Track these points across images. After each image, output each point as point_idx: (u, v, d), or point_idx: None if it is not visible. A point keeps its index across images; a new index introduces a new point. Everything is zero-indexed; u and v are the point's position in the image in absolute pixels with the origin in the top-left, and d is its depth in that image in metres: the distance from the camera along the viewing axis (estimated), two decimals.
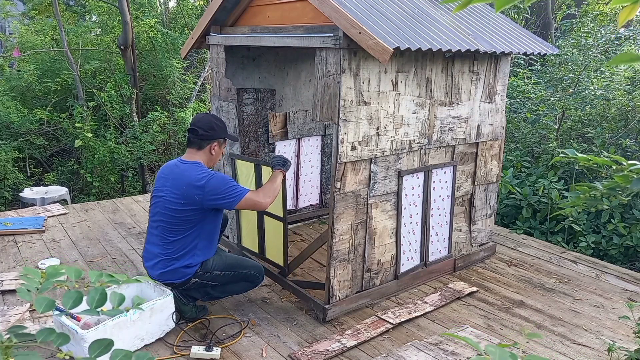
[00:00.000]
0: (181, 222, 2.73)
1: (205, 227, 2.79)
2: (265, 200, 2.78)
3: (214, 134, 2.80)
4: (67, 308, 0.94)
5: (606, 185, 1.24)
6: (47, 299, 0.95)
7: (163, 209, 2.75)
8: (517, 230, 4.56)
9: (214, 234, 2.89)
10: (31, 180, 7.45)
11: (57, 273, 1.00)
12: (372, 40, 2.39)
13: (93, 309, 0.96)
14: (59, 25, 7.58)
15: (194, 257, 2.79)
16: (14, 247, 3.94)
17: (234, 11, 3.47)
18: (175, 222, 2.74)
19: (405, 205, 3.19)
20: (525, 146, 5.60)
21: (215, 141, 2.81)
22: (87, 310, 0.95)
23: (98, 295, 0.97)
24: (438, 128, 3.22)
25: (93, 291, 0.97)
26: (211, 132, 2.79)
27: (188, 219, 2.72)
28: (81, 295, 0.96)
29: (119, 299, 1.02)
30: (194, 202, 2.67)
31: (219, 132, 2.82)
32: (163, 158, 8.11)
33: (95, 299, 0.97)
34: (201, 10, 9.42)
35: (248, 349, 2.70)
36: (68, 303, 0.95)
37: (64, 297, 0.96)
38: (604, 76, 5.59)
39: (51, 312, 2.79)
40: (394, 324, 2.93)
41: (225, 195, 2.67)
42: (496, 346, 0.82)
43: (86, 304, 0.96)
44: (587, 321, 3.09)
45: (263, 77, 4.03)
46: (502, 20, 3.57)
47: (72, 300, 0.95)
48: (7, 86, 8.00)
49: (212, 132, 2.79)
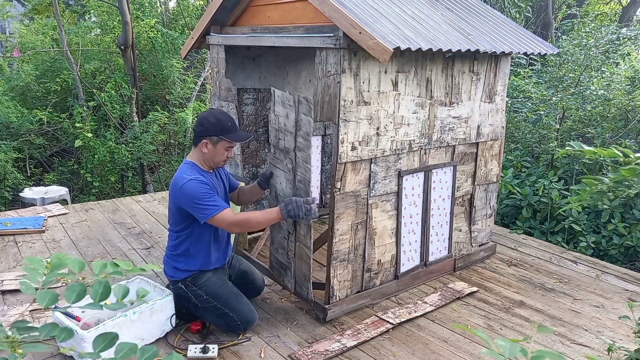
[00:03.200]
0: (175, 220, 2.76)
1: (195, 232, 2.74)
2: (232, 229, 2.74)
3: (203, 130, 2.66)
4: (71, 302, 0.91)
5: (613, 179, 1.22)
6: (50, 293, 0.91)
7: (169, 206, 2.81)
8: (517, 230, 4.56)
9: (207, 247, 2.78)
10: (31, 180, 7.45)
11: (62, 264, 0.96)
12: (372, 40, 2.39)
13: (97, 302, 0.92)
14: (59, 25, 7.58)
15: (185, 262, 2.78)
16: (14, 247, 3.94)
17: (234, 11, 3.47)
18: (172, 222, 2.79)
19: (405, 205, 3.19)
20: (525, 146, 5.60)
21: (205, 138, 2.66)
22: (91, 304, 0.92)
23: (102, 288, 0.93)
24: (438, 128, 3.22)
25: (96, 284, 0.93)
26: (200, 129, 2.68)
27: (177, 218, 2.74)
28: (85, 288, 0.93)
29: (122, 291, 0.98)
30: (173, 201, 2.70)
31: (209, 129, 2.65)
32: (163, 158, 8.11)
33: (98, 292, 0.92)
34: (201, 10, 9.42)
35: (248, 349, 2.70)
36: (71, 296, 0.91)
37: (67, 290, 0.93)
38: (605, 76, 5.58)
39: (51, 312, 2.80)
40: (394, 324, 2.93)
41: (195, 206, 2.60)
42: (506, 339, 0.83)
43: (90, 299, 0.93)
44: (587, 321, 3.08)
45: (263, 77, 4.03)
46: (502, 20, 3.57)
47: (76, 294, 0.91)
48: (7, 86, 8.00)
49: (201, 129, 2.67)
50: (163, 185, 7.93)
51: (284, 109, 2.86)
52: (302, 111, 2.71)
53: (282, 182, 2.95)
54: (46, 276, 0.93)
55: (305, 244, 2.86)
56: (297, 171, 2.81)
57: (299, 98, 2.72)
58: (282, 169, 2.94)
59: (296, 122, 2.77)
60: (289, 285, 3.08)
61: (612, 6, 11.82)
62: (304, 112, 2.70)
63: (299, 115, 2.74)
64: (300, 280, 2.98)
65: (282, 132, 2.91)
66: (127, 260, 3.85)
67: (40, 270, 0.93)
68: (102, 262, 0.98)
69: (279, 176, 2.98)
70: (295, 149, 2.81)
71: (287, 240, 3.02)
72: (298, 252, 2.95)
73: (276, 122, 2.96)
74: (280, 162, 2.96)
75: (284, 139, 2.90)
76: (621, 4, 10.63)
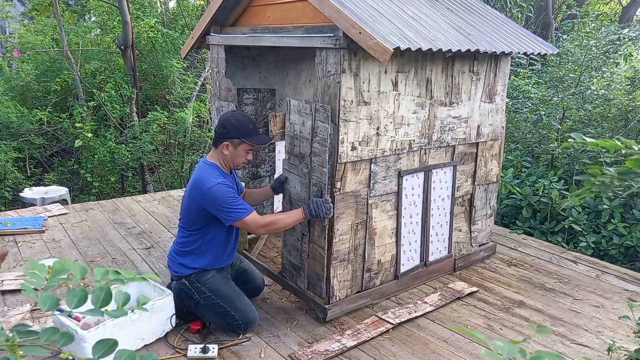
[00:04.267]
0: (191, 219, 2.75)
1: (210, 232, 2.75)
2: (260, 231, 2.75)
3: (224, 132, 2.69)
4: (72, 307, 0.90)
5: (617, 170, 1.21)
6: (51, 297, 0.91)
7: (183, 204, 2.80)
8: (517, 230, 4.56)
9: (219, 247, 2.80)
10: (31, 180, 7.46)
11: (64, 269, 0.95)
12: (372, 41, 2.39)
13: (97, 308, 0.91)
14: (59, 25, 7.59)
15: (193, 259, 2.79)
16: (14, 247, 3.94)
17: (234, 11, 3.47)
18: (186, 220, 2.78)
19: (405, 205, 3.19)
20: (525, 146, 5.60)
21: (226, 140, 2.69)
22: (91, 310, 0.91)
23: (103, 294, 0.92)
24: (438, 128, 3.22)
25: (98, 290, 0.93)
26: (221, 131, 2.70)
27: (193, 218, 2.73)
28: (86, 293, 0.93)
29: (124, 298, 0.97)
30: (195, 201, 2.68)
31: (230, 131, 2.68)
32: (163, 158, 8.12)
33: (100, 298, 0.92)
34: (201, 10, 9.43)
35: (248, 349, 2.70)
36: (72, 302, 0.91)
37: (68, 295, 0.93)
38: (605, 76, 5.59)
39: (51, 312, 2.79)
40: (394, 324, 2.93)
41: (222, 209, 2.61)
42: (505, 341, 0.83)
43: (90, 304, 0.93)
44: (587, 321, 3.08)
45: (263, 77, 4.03)
46: (502, 20, 3.57)
47: (77, 299, 0.91)
48: (7, 86, 8.00)
49: (223, 131, 2.70)
50: (163, 185, 7.94)
51: (300, 117, 2.90)
52: (319, 119, 2.74)
53: (297, 186, 2.98)
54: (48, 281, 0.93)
55: (320, 245, 2.89)
56: (312, 175, 2.85)
57: (316, 106, 2.75)
58: (297, 173, 2.97)
59: (312, 129, 2.80)
60: (302, 285, 3.10)
61: (612, 6, 11.83)
62: (321, 120, 2.73)
63: (316, 123, 2.77)
64: (314, 280, 2.99)
65: (297, 139, 2.94)
66: (127, 260, 3.85)
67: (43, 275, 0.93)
68: (104, 269, 0.98)
69: (293, 181, 3.01)
70: (311, 154, 2.84)
71: (300, 242, 3.04)
72: (312, 252, 2.97)
73: (291, 130, 2.99)
74: (295, 167, 2.98)
75: (299, 145, 2.93)
76: (621, 4, 10.63)
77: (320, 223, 2.86)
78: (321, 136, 2.75)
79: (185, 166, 7.88)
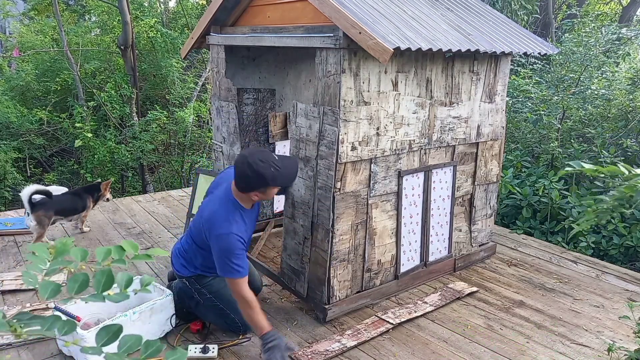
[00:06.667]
0: (200, 240, 2.68)
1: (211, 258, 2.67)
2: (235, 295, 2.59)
3: (248, 187, 2.58)
4: (73, 292, 0.86)
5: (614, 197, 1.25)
6: (52, 284, 0.87)
7: (196, 220, 2.73)
8: (517, 230, 4.56)
9: None
10: (31, 180, 7.45)
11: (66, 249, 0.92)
12: (372, 40, 2.39)
13: (99, 293, 0.87)
14: (59, 25, 7.59)
15: (194, 267, 2.79)
16: (14, 247, 3.94)
17: (234, 11, 3.47)
18: (197, 238, 2.71)
19: (405, 205, 3.19)
20: (526, 146, 5.60)
21: (253, 192, 2.60)
22: (93, 295, 0.88)
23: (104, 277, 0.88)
24: (438, 128, 3.22)
25: (99, 273, 0.89)
26: (244, 186, 2.59)
27: (203, 240, 2.66)
28: (87, 278, 0.89)
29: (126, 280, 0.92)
30: (204, 233, 2.62)
31: (255, 186, 2.57)
32: (163, 158, 8.12)
33: (101, 281, 0.88)
34: (201, 10, 9.43)
35: (248, 349, 2.70)
36: (74, 287, 0.87)
37: (69, 281, 0.89)
38: (605, 77, 5.59)
39: (51, 312, 2.79)
40: (394, 324, 2.93)
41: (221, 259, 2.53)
42: None
43: None
44: (587, 321, 3.08)
45: (263, 77, 4.03)
46: (502, 20, 3.57)
47: (78, 284, 0.87)
48: (6, 86, 8.01)
49: (245, 186, 2.58)
50: (163, 185, 7.94)
51: (306, 121, 2.89)
52: (327, 122, 2.73)
53: (301, 189, 2.98)
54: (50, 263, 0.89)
55: (323, 249, 2.89)
56: (318, 178, 2.85)
57: (324, 109, 2.74)
58: (302, 177, 2.96)
59: (319, 132, 2.80)
60: (301, 290, 3.09)
61: (612, 6, 11.83)
62: (329, 123, 2.72)
63: (324, 126, 2.77)
64: (315, 284, 2.98)
65: (303, 142, 2.94)
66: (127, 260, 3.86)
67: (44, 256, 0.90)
68: (105, 248, 0.94)
69: (297, 184, 3.01)
70: (317, 157, 2.84)
71: (302, 246, 3.03)
72: (314, 256, 2.96)
73: (297, 133, 2.98)
74: (300, 170, 2.96)
75: (305, 148, 2.93)
76: (621, 4, 10.63)
77: (324, 227, 2.85)
78: (329, 139, 2.74)
79: (185, 166, 7.88)
